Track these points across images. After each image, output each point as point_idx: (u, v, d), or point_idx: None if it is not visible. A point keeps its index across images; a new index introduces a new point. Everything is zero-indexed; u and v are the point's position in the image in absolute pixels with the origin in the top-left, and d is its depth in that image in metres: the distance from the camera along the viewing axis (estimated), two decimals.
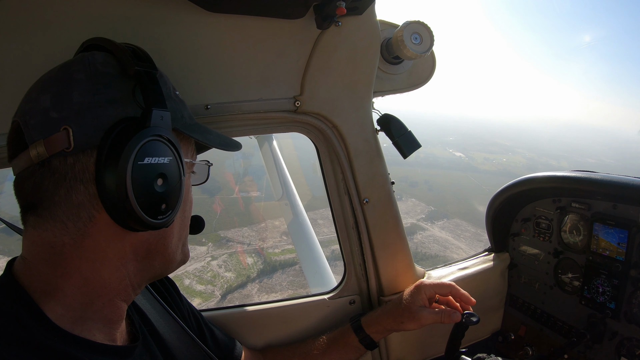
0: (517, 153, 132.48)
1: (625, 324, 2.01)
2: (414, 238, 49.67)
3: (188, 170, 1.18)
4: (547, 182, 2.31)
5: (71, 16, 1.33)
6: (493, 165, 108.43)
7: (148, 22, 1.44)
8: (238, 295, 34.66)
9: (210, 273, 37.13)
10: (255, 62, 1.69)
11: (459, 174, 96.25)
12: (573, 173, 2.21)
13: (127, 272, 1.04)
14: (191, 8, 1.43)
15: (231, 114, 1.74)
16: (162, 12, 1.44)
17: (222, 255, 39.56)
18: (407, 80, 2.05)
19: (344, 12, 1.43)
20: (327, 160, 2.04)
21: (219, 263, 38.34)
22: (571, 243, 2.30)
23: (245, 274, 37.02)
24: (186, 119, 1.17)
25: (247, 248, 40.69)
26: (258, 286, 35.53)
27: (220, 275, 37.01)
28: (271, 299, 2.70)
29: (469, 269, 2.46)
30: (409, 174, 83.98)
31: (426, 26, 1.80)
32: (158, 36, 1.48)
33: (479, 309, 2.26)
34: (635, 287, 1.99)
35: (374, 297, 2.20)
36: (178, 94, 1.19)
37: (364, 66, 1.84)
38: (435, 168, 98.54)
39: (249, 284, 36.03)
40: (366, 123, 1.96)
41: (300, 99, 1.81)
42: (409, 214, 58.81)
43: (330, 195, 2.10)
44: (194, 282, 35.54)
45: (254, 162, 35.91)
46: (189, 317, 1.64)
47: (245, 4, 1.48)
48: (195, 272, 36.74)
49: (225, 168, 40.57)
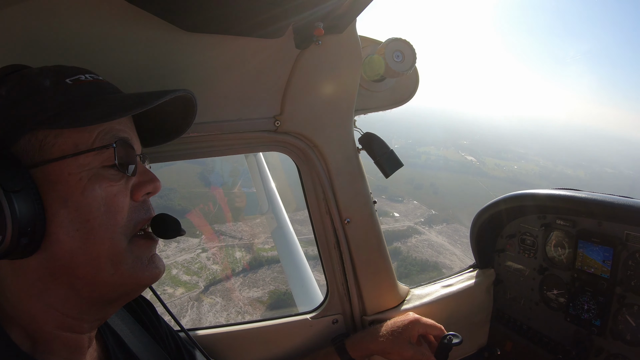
0: (531, 161, 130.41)
1: (612, 340, 2.02)
2: (408, 242, 49.52)
3: (91, 165, 0.99)
4: (532, 199, 2.31)
5: (49, 36, 1.30)
6: (503, 172, 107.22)
7: (127, 42, 1.41)
8: (220, 288, 35.11)
9: (198, 265, 37.73)
10: (235, 82, 1.67)
11: (468, 177, 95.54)
12: (558, 191, 2.22)
13: (50, 303, 0.99)
14: (170, 28, 1.41)
15: (210, 134, 1.72)
16: (140, 32, 1.41)
17: (213, 247, 40.10)
18: (390, 98, 2.04)
19: (321, 33, 1.42)
20: (308, 180, 2.02)
21: (208, 255, 38.88)
22: (556, 260, 2.30)
23: (231, 267, 37.40)
24: (51, 110, 0.97)
25: (239, 242, 41.15)
26: (242, 280, 35.89)
27: (207, 267, 37.54)
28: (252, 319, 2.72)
29: (453, 286, 2.44)
30: (415, 176, 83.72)
31: (408, 44, 1.80)
32: (137, 56, 1.45)
33: (464, 325, 2.29)
34: (621, 304, 2.00)
35: (357, 317, 2.18)
36: (68, 82, 1.03)
37: (345, 85, 1.82)
38: (444, 171, 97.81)
39: (233, 277, 36.42)
40: (347, 142, 1.94)
41: (280, 118, 1.79)
42: (407, 217, 58.60)
43: (311, 215, 2.08)
44: (181, 272, 36.19)
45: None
46: (167, 339, 1.58)
47: (224, 24, 1.46)
48: (184, 262, 37.38)
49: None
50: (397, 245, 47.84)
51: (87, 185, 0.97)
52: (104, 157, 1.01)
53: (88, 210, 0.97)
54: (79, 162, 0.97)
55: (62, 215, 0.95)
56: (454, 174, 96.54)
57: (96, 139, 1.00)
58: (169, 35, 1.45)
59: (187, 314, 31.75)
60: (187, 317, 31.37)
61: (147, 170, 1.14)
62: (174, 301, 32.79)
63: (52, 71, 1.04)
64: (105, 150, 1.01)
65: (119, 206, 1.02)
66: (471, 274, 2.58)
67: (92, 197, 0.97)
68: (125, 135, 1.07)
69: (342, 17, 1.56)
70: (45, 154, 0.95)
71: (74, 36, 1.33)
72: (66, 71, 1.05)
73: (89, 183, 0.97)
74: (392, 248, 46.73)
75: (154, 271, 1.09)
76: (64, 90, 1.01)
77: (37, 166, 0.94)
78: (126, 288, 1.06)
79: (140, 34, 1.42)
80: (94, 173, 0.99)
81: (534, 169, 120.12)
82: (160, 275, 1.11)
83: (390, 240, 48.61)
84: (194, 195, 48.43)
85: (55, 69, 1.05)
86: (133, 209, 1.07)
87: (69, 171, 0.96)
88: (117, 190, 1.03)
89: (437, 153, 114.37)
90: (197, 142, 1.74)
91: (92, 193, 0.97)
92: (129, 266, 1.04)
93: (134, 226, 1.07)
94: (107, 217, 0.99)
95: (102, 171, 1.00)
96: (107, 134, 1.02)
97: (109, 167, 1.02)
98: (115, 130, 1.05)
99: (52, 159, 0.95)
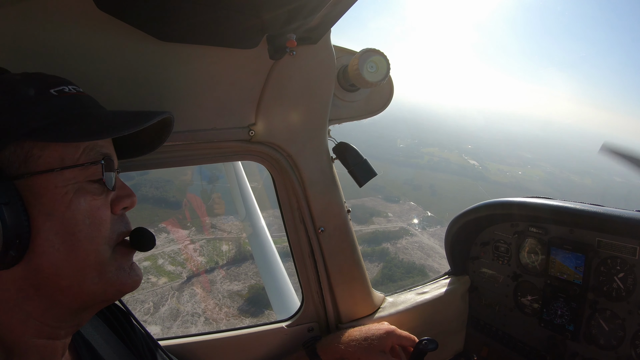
0: (537, 167, 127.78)
1: (585, 345, 2.08)
2: (398, 243, 49.18)
3: (76, 179, 1.01)
4: (504, 208, 2.36)
5: (24, 45, 1.31)
6: (505, 177, 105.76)
7: (102, 52, 1.42)
8: (203, 279, 35.42)
9: (184, 256, 38.07)
10: (209, 91, 1.68)
11: (468, 181, 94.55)
12: (530, 199, 2.28)
13: (28, 312, 1.00)
14: (145, 38, 1.41)
15: (184, 142, 1.72)
16: (115, 41, 1.42)
17: (201, 240, 40.44)
18: (365, 108, 2.07)
19: (294, 44, 1.44)
20: (282, 189, 2.04)
21: (195, 247, 39.25)
22: (530, 266, 2.35)
23: (215, 260, 37.76)
24: (37, 122, 0.97)
25: (227, 236, 41.38)
26: (224, 273, 36.14)
27: (192, 259, 37.94)
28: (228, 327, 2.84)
29: (429, 293, 2.47)
30: (415, 177, 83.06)
31: (382, 54, 1.81)
32: (112, 65, 1.46)
33: (440, 332, 2.32)
34: (593, 309, 2.05)
35: (332, 325, 2.21)
36: (53, 93, 1.04)
37: (319, 95, 1.84)
38: (445, 172, 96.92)
39: (216, 269, 36.75)
40: (321, 152, 1.96)
41: (254, 128, 1.81)
42: (401, 218, 58.21)
43: (286, 224, 2.09)
44: (167, 263, 36.47)
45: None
46: (143, 349, 1.57)
47: (198, 34, 1.47)
48: (171, 253, 37.60)
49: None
50: (385, 246, 47.49)
51: (72, 198, 0.99)
52: (89, 172, 1.04)
53: (74, 223, 0.99)
54: (65, 176, 0.99)
55: (47, 229, 0.96)
56: (454, 177, 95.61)
57: (82, 154, 1.03)
58: (144, 44, 1.45)
59: (167, 302, 32.04)
60: (167, 306, 31.62)
61: (124, 185, 1.18)
62: (156, 290, 33.15)
63: (35, 79, 1.05)
64: (92, 165, 1.04)
65: (103, 219, 1.05)
66: (446, 281, 2.61)
67: (78, 210, 0.99)
68: (108, 152, 1.11)
69: (316, 29, 1.57)
70: (31, 166, 0.95)
71: (49, 45, 1.33)
72: (50, 80, 1.06)
73: (74, 197, 0.99)
74: (380, 249, 46.60)
75: (134, 278, 1.13)
76: (49, 101, 1.01)
77: (22, 177, 0.94)
78: (107, 295, 1.09)
79: (115, 43, 1.42)
80: (79, 187, 1.01)
81: (539, 175, 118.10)
82: (139, 282, 1.15)
83: (379, 241, 48.43)
84: (190, 189, 48.60)
85: (38, 77, 1.06)
86: (114, 221, 1.11)
87: (55, 184, 0.97)
88: (100, 204, 1.06)
89: (440, 155, 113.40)
90: (171, 152, 1.75)
91: (77, 206, 0.99)
92: (113, 274, 1.07)
93: (116, 237, 1.11)
94: (91, 230, 1.02)
95: (86, 185, 1.03)
96: (92, 149, 1.05)
97: (93, 182, 1.05)
98: (99, 146, 1.08)
99: (37, 172, 0.95)
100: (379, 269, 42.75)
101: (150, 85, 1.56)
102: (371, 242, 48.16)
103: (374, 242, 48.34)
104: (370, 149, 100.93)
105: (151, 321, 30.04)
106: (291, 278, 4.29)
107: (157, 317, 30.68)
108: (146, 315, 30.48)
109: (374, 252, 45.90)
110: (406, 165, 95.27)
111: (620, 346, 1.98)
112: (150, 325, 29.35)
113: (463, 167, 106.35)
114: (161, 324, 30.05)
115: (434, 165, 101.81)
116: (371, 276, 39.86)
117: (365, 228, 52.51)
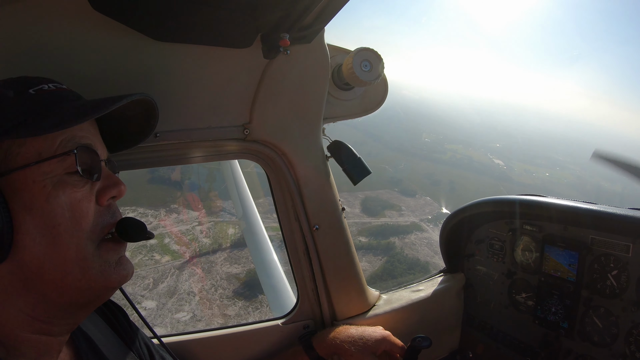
0: (567, 169, 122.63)
1: (579, 342, 2.10)
2: (406, 238, 48.39)
3: (54, 172, 1.01)
4: (499, 205, 2.39)
5: (20, 45, 1.33)
6: (531, 179, 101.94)
7: (96, 52, 1.43)
8: (204, 260, 36.15)
9: (190, 236, 38.91)
10: (204, 90, 1.69)
11: (490, 181, 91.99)
12: (524, 197, 2.30)
13: (19, 307, 1.01)
14: (139, 37, 1.43)
15: (180, 141, 1.74)
16: (110, 41, 1.43)
17: (210, 222, 41.19)
18: (359, 106, 2.08)
19: (287, 44, 1.45)
20: (277, 187, 2.06)
21: (202, 229, 40.04)
22: (524, 264, 2.36)
23: (219, 242, 38.40)
24: (12, 121, 0.99)
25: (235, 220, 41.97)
26: (226, 255, 36.73)
27: (197, 240, 38.73)
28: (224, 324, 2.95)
29: (423, 291, 2.49)
30: (434, 172, 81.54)
31: (376, 53, 1.82)
32: (107, 65, 1.48)
33: (435, 329, 2.35)
34: (587, 306, 2.07)
35: (328, 322, 2.23)
36: (31, 92, 1.06)
37: (314, 94, 1.85)
38: (466, 170, 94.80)
39: (219, 252, 37.39)
40: (316, 150, 1.98)
41: (249, 127, 1.82)
42: (414, 213, 57.32)
43: (281, 222, 2.12)
44: (172, 242, 37.47)
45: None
46: (140, 345, 1.58)
47: (192, 34, 1.49)
48: (178, 233, 38.73)
49: None
50: (392, 241, 46.71)
51: (51, 192, 0.99)
52: (67, 164, 1.03)
53: (53, 217, 0.99)
54: (43, 169, 0.99)
55: (28, 223, 0.96)
56: (476, 175, 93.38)
57: (58, 146, 1.02)
58: (139, 44, 1.47)
59: (167, 280, 32.85)
60: (165, 283, 32.42)
61: (111, 175, 1.16)
62: (158, 267, 34.06)
63: (15, 82, 1.07)
64: (67, 157, 1.03)
65: (84, 212, 1.04)
66: (441, 279, 2.62)
67: (57, 203, 0.99)
68: (87, 142, 1.09)
69: (310, 28, 1.57)
70: (10, 163, 0.97)
71: (44, 45, 1.34)
72: (30, 82, 1.08)
73: (53, 190, 0.99)
74: (385, 243, 45.91)
75: (121, 273, 1.11)
76: (26, 100, 1.03)
77: (2, 175, 0.96)
78: (95, 292, 1.08)
79: (110, 43, 1.43)
80: (57, 180, 1.00)
81: (568, 177, 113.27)
82: (128, 277, 1.14)
83: (387, 235, 47.71)
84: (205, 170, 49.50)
85: (19, 80, 1.08)
86: (99, 213, 1.09)
87: (33, 179, 0.98)
88: (82, 196, 1.04)
89: (464, 152, 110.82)
90: (166, 150, 1.76)
91: (56, 200, 0.99)
92: (97, 270, 1.06)
93: (100, 230, 1.09)
94: (72, 223, 1.01)
95: (65, 178, 1.02)
96: (69, 141, 1.04)
97: (72, 174, 1.03)
98: (78, 137, 1.07)
99: (16, 168, 0.97)
100: (382, 263, 42.27)
101: (146, 84, 1.57)
102: (378, 235, 47.41)
103: (381, 235, 47.55)
104: (394, 141, 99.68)
105: (149, 296, 30.69)
106: (287, 276, 4.38)
107: (154, 293, 31.22)
108: (145, 290, 31.15)
109: (379, 245, 45.23)
110: (428, 159, 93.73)
111: (614, 343, 1.99)
112: (147, 300, 30.21)
113: (486, 166, 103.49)
114: (157, 300, 30.64)
115: (456, 162, 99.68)
116: (372, 270, 39.76)
117: (374, 220, 51.89)
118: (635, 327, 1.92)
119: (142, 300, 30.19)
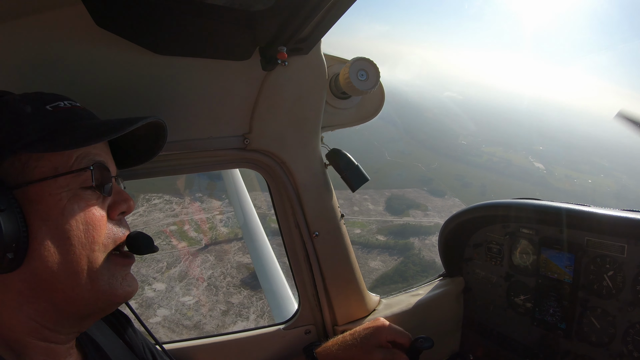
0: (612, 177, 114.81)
1: (578, 342, 2.12)
2: (427, 239, 46.99)
3: (69, 186, 1.07)
4: (495, 209, 2.42)
5: (18, 57, 1.38)
6: (571, 185, 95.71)
7: (98, 65, 1.49)
8: (219, 249, 36.77)
9: (209, 225, 39.72)
10: (204, 102, 1.73)
11: (526, 186, 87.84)
12: (520, 201, 2.34)
13: (29, 314, 1.05)
14: (140, 51, 1.47)
15: (181, 152, 1.78)
16: (112, 55, 1.48)
17: (230, 212, 41.88)
18: (356, 114, 2.12)
19: (285, 56, 1.49)
20: (277, 195, 2.10)
21: (222, 219, 40.74)
22: (521, 266, 2.39)
23: (235, 232, 38.91)
24: (31, 135, 1.04)
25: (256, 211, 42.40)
26: (240, 245, 37.18)
27: (216, 229, 39.44)
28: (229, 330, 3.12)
29: (423, 295, 2.52)
30: (466, 174, 79.13)
31: (372, 63, 1.85)
32: (109, 79, 1.53)
33: (435, 333, 2.36)
34: (584, 307, 2.10)
35: (329, 327, 2.25)
36: (48, 109, 1.11)
37: (311, 103, 1.89)
38: (500, 174, 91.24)
39: (234, 241, 37.87)
40: (314, 158, 2.02)
41: (249, 136, 1.86)
42: (440, 213, 55.87)
43: (281, 228, 2.16)
44: (192, 229, 38.41)
45: None
46: (145, 352, 1.62)
47: (192, 47, 1.54)
48: (199, 221, 39.62)
49: None
50: (412, 241, 45.53)
51: (66, 205, 1.04)
52: (82, 179, 1.09)
53: (68, 229, 1.04)
54: (59, 183, 1.05)
55: (43, 233, 1.01)
56: (510, 180, 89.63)
57: (75, 162, 1.08)
58: (140, 57, 1.51)
59: (179, 264, 33.63)
60: (177, 268, 33.15)
61: (121, 191, 1.22)
62: (173, 252, 34.90)
63: (32, 98, 1.12)
64: (83, 172, 1.09)
65: (97, 224, 1.09)
66: (440, 283, 2.64)
67: (71, 215, 1.04)
68: (101, 159, 1.15)
69: (307, 40, 1.62)
70: (28, 175, 1.02)
71: (46, 60, 1.39)
72: (46, 98, 1.13)
73: (68, 203, 1.05)
74: (403, 243, 45.05)
75: (127, 289, 1.16)
76: (44, 116, 1.09)
77: (20, 187, 1.01)
78: (101, 304, 1.13)
79: (112, 57, 1.48)
80: (73, 194, 1.06)
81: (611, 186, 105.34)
82: (132, 294, 1.18)
83: (407, 235, 46.66)
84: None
85: (35, 96, 1.13)
86: (110, 227, 1.15)
87: (50, 192, 1.03)
88: (95, 210, 1.10)
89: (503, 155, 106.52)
90: (168, 160, 1.81)
91: (71, 212, 1.05)
92: (105, 282, 1.11)
93: (112, 243, 1.15)
94: (85, 235, 1.06)
95: (80, 192, 1.08)
96: (84, 157, 1.10)
97: (86, 188, 1.10)
98: (92, 154, 1.13)
99: (33, 181, 1.02)
100: (396, 263, 41.52)
101: (148, 97, 1.62)
102: (397, 235, 46.51)
103: (400, 235, 46.57)
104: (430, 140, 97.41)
105: (160, 279, 31.65)
106: (288, 282, 4.41)
107: (166, 276, 32.02)
108: (157, 273, 32.00)
109: (396, 245, 44.42)
110: (462, 161, 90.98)
111: (611, 343, 2.01)
112: (158, 282, 31.08)
113: (524, 170, 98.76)
114: (167, 282, 31.43)
115: (491, 166, 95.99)
116: (384, 270, 38.89)
117: (397, 219, 51.04)
118: (632, 327, 1.94)
119: (154, 282, 31.11)
